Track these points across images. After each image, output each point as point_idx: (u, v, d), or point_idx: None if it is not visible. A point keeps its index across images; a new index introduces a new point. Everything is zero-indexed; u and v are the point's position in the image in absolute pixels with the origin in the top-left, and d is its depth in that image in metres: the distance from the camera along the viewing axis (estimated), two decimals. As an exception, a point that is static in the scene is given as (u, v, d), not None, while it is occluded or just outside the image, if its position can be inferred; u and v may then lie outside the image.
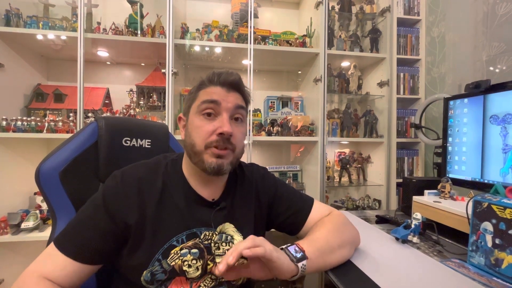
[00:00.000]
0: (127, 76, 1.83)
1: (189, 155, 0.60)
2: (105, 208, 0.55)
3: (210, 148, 0.57)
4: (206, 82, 0.60)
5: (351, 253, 0.68)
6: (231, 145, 0.58)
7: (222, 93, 0.59)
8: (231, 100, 0.59)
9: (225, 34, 1.61)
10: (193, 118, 0.60)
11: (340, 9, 1.84)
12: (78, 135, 0.70)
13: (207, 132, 0.57)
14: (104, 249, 0.54)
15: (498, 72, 1.29)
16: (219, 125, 0.57)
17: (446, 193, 0.98)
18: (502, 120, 0.89)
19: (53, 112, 1.53)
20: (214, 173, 0.58)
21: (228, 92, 0.59)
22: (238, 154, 0.61)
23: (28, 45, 1.53)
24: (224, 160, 0.58)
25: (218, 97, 0.58)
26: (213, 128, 0.57)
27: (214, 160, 0.56)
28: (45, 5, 1.53)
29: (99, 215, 0.54)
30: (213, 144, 0.56)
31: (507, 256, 0.58)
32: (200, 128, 0.57)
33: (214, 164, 0.56)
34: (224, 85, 0.59)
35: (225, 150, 0.58)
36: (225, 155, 0.57)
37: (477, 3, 1.40)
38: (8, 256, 1.49)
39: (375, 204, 1.78)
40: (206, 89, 0.60)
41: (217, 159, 0.57)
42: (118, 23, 1.55)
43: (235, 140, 0.59)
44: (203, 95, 0.59)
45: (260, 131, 1.64)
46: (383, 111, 1.79)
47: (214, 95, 0.58)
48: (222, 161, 0.57)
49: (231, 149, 0.59)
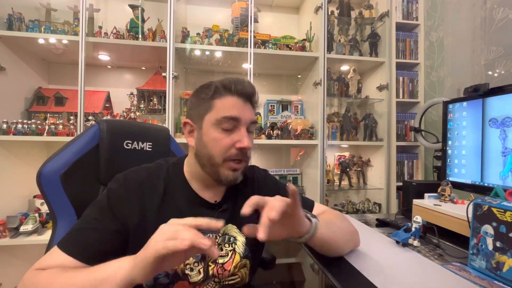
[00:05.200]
0: (127, 80, 1.84)
1: (202, 165, 0.60)
2: (111, 209, 0.55)
3: (227, 162, 0.58)
4: (222, 91, 0.58)
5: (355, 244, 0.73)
6: (247, 158, 0.60)
7: (240, 104, 0.58)
8: (248, 114, 0.59)
9: (225, 38, 1.62)
10: (210, 130, 0.58)
11: (339, 13, 1.86)
12: (79, 138, 0.71)
13: (226, 145, 0.57)
14: (108, 250, 0.53)
15: (496, 76, 1.30)
16: (238, 138, 0.57)
17: (446, 196, 0.98)
18: (501, 124, 0.89)
19: (54, 115, 1.54)
20: (228, 185, 0.60)
21: (245, 103, 0.59)
22: (248, 162, 0.63)
23: (30, 49, 1.54)
24: (239, 172, 0.60)
25: (238, 111, 0.58)
26: (232, 142, 0.57)
27: (231, 173, 0.58)
28: (47, 10, 1.55)
29: (104, 216, 0.55)
30: (231, 158, 0.58)
31: (508, 259, 0.58)
32: (219, 141, 0.57)
33: (231, 177, 0.58)
34: (241, 95, 0.59)
35: (241, 163, 0.59)
36: (240, 168, 0.59)
37: (475, 8, 1.42)
38: (7, 260, 1.48)
39: (375, 208, 1.78)
40: (222, 99, 0.58)
41: (233, 172, 0.58)
42: (119, 27, 1.56)
43: (249, 152, 0.60)
44: (221, 106, 0.58)
45: (260, 134, 1.64)
46: (382, 115, 1.79)
47: (234, 110, 0.58)
48: (237, 173, 0.59)
49: (246, 161, 0.60)
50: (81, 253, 0.51)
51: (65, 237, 0.54)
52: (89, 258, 0.52)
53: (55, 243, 0.55)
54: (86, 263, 0.51)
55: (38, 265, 0.50)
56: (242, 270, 0.63)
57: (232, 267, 0.61)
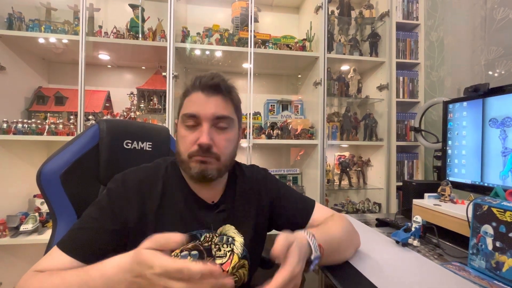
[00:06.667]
0: (127, 79, 1.84)
1: (178, 162, 0.62)
2: (111, 209, 0.55)
3: (193, 157, 0.58)
4: (190, 88, 0.60)
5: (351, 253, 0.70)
6: (212, 154, 0.58)
7: (202, 99, 0.58)
8: (211, 108, 0.58)
9: (225, 38, 1.62)
10: (179, 127, 0.61)
11: (339, 13, 1.86)
12: (79, 137, 0.71)
13: (189, 142, 0.58)
14: (107, 250, 0.53)
15: (496, 76, 1.30)
16: (198, 135, 0.57)
17: (446, 196, 0.98)
18: (501, 124, 0.89)
19: (54, 114, 1.54)
20: (201, 178, 0.58)
21: (209, 98, 0.58)
22: (225, 161, 0.60)
23: (30, 48, 1.54)
24: (208, 165, 0.58)
25: (197, 107, 0.58)
26: (194, 138, 0.57)
27: (198, 165, 0.57)
28: (47, 9, 1.55)
29: (105, 216, 0.55)
30: (194, 154, 0.57)
31: (507, 259, 0.58)
32: (183, 138, 0.59)
33: (198, 169, 0.57)
34: (204, 89, 0.59)
35: (209, 157, 0.58)
36: (207, 161, 0.58)
37: (475, 8, 1.42)
38: (7, 259, 1.48)
39: (375, 208, 1.78)
40: (189, 96, 0.60)
41: (200, 164, 0.57)
42: (119, 26, 1.56)
43: (217, 149, 0.58)
44: (186, 103, 0.60)
45: (260, 134, 1.64)
46: (382, 115, 1.79)
47: (194, 106, 0.58)
48: (205, 166, 0.57)
49: (214, 157, 0.58)
50: (80, 253, 0.51)
51: (65, 237, 0.54)
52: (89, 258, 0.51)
53: (55, 242, 0.55)
54: (85, 263, 0.51)
55: (37, 267, 0.50)
56: (240, 271, 0.63)
57: (230, 268, 0.60)
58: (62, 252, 0.51)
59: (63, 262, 0.50)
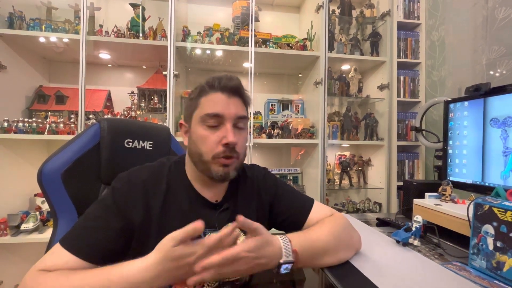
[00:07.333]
0: (128, 79, 1.84)
1: (194, 163, 0.62)
2: (116, 207, 0.55)
3: (217, 159, 0.58)
4: (207, 88, 0.60)
5: (347, 256, 0.67)
6: (236, 153, 0.59)
7: (224, 100, 0.59)
8: (233, 108, 0.59)
9: (226, 37, 1.62)
10: (197, 127, 0.60)
11: (340, 13, 1.85)
12: (80, 136, 0.71)
13: (213, 142, 0.58)
14: (112, 249, 0.53)
15: (498, 75, 1.29)
16: (223, 135, 0.58)
17: (447, 196, 0.98)
18: (502, 123, 0.89)
19: (55, 113, 1.54)
20: (221, 181, 0.60)
21: (229, 98, 0.60)
22: (241, 159, 0.63)
23: (31, 48, 1.54)
24: (230, 168, 0.59)
25: (221, 107, 0.58)
26: (218, 138, 0.58)
27: (221, 169, 0.58)
28: (48, 8, 1.55)
29: (109, 214, 0.55)
30: (220, 155, 0.58)
31: (508, 259, 0.58)
32: (205, 138, 0.58)
33: (221, 173, 0.58)
34: (224, 90, 0.59)
35: (231, 159, 0.59)
36: (231, 163, 0.59)
37: (476, 7, 1.41)
38: (7, 258, 1.48)
39: (375, 207, 1.78)
40: (207, 96, 0.60)
41: (223, 167, 0.58)
42: (120, 26, 1.56)
43: (238, 148, 0.60)
44: (205, 103, 0.59)
45: (260, 133, 1.64)
46: (383, 114, 1.79)
47: (217, 106, 0.58)
48: (228, 169, 0.59)
49: (236, 157, 0.60)
50: (86, 252, 0.51)
51: (69, 235, 0.53)
52: (94, 257, 0.51)
53: (56, 241, 0.54)
54: (90, 262, 0.51)
55: (41, 265, 0.49)
56: None
57: None
58: (66, 250, 0.51)
59: (67, 261, 0.50)
